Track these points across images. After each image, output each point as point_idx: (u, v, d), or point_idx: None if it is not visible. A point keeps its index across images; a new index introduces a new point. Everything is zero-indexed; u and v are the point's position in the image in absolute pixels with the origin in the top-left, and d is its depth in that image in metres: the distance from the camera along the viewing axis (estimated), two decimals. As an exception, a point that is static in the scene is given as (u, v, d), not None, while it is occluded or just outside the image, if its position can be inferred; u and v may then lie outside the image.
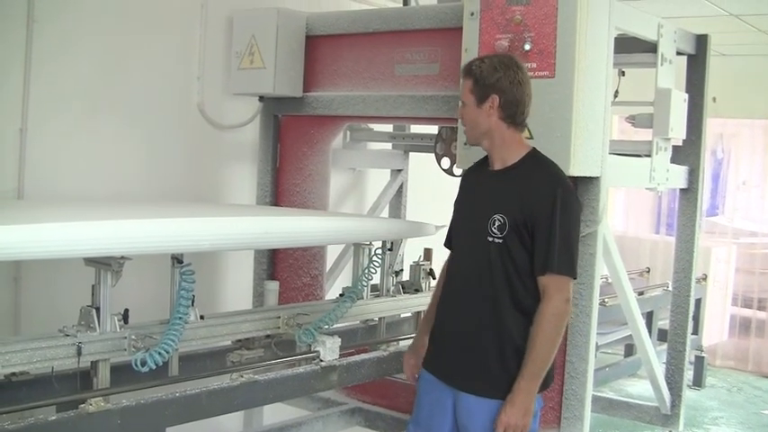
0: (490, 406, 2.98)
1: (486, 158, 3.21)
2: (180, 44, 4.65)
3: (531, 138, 3.42)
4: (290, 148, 4.77)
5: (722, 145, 9.13)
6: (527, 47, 3.48)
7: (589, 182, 3.58)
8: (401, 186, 5.94)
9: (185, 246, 2.90)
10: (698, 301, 7.08)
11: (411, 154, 5.87)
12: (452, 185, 3.50)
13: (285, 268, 4.74)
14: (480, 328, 3.03)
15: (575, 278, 3.01)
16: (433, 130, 5.56)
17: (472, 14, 3.65)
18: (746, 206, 8.74)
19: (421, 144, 5.49)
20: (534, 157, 3.09)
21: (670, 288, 6.30)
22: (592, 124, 3.50)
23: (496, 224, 2.98)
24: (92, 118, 4.22)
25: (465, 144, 3.68)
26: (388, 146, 5.93)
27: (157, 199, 4.43)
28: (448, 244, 3.37)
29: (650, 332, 6.12)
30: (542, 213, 2.92)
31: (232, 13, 4.68)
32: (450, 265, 3.28)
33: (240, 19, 4.61)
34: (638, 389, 7.12)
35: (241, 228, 3.06)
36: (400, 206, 5.99)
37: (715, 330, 8.18)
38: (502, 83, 3.00)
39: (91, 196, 4.15)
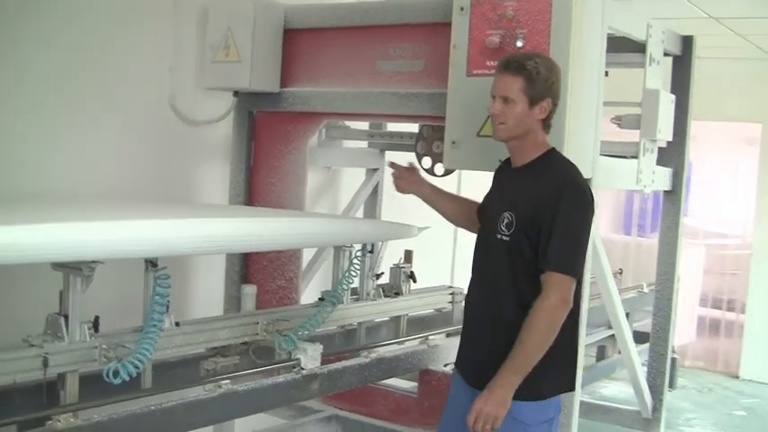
0: None
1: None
2: (151, 35, 4.42)
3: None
4: (264, 145, 4.59)
5: (692, 147, 9.11)
6: (519, 44, 3.36)
7: (580, 184, 3.48)
8: (377, 186, 5.81)
9: (168, 249, 2.73)
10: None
11: (387, 152, 5.75)
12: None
13: (259, 270, 4.56)
14: (489, 327, 3.00)
15: (577, 278, 2.88)
16: (411, 128, 5.43)
17: (462, 9, 3.52)
18: (716, 208, 8.76)
19: (400, 143, 5.35)
20: (550, 156, 3.04)
21: (645, 290, 6.30)
22: (584, 125, 3.40)
23: (505, 222, 2.94)
24: (58, 113, 4.00)
25: (453, 143, 3.57)
26: (364, 144, 5.79)
27: (126, 197, 4.24)
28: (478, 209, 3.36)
29: (626, 334, 6.05)
30: (546, 210, 2.85)
31: (207, 4, 4.48)
32: (472, 263, 3.19)
33: (215, 10, 4.41)
34: (612, 391, 7.09)
35: (226, 230, 2.88)
36: (375, 206, 5.86)
37: (684, 331, 8.20)
38: (555, 87, 2.96)
39: (56, 195, 3.94)
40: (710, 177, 9.07)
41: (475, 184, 3.68)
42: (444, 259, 6.74)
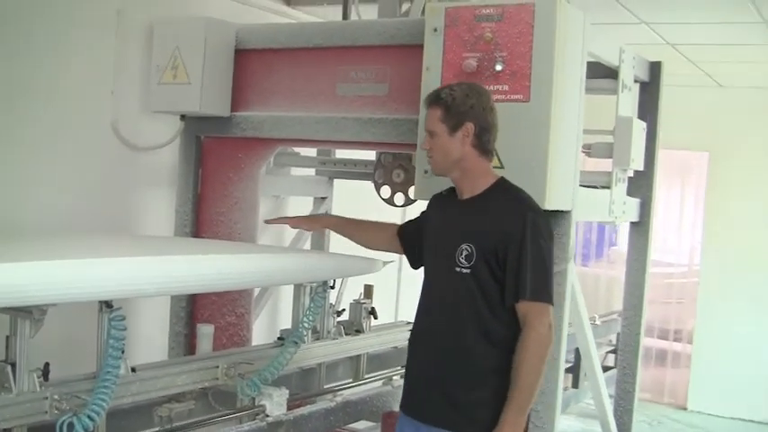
0: None
1: (453, 188, 3.03)
2: (92, 55, 4.13)
3: (502, 167, 3.13)
4: (213, 172, 4.32)
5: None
6: (498, 67, 3.17)
7: (560, 216, 3.32)
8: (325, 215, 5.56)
9: (129, 291, 2.45)
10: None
11: (335, 181, 5.52)
12: (379, 214, 3.24)
13: (207, 306, 4.26)
14: (447, 360, 2.90)
15: (552, 304, 2.84)
16: (363, 155, 5.21)
17: (435, 30, 3.32)
18: (663, 237, 8.71)
19: (353, 171, 5.12)
20: (503, 186, 2.96)
21: (597, 322, 6.15)
22: (566, 153, 3.23)
23: (464, 254, 2.86)
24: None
25: (425, 173, 3.36)
26: (311, 172, 5.55)
27: (65, 228, 3.91)
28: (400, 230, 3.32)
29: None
30: (512, 239, 2.80)
31: (152, 22, 4.20)
32: (421, 297, 3.07)
33: (162, 29, 4.14)
34: (563, 425, 6.91)
35: (195, 269, 2.60)
36: (323, 237, 5.61)
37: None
38: (476, 110, 2.88)
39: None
40: (661, 206, 9.03)
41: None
42: (389, 293, 6.50)
